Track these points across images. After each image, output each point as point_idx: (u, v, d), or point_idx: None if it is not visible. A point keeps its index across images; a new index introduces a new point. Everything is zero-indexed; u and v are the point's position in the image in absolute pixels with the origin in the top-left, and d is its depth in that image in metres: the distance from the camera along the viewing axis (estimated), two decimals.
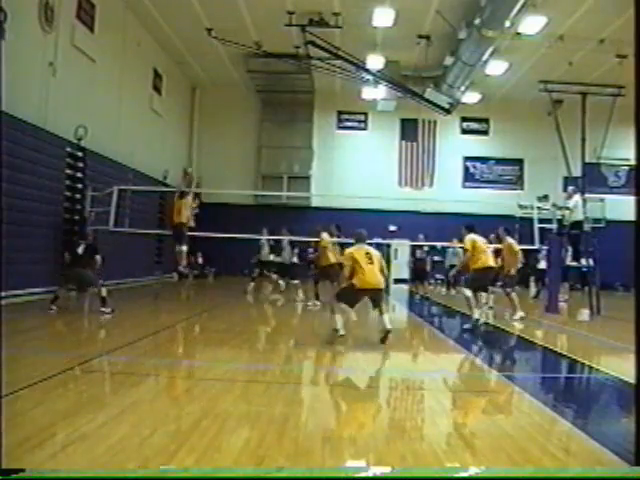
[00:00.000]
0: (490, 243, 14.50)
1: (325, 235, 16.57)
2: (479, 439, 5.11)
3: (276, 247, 20.38)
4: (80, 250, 13.28)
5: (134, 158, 21.98)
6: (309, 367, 8.48)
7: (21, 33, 14.78)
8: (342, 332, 9.83)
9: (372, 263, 10.07)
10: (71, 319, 12.78)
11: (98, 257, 13.33)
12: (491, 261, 12.84)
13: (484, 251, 12.70)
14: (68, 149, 17.35)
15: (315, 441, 4.78)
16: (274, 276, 20.09)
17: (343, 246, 18.33)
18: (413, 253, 25.21)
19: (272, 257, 20.00)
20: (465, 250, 12.92)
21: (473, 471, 4.34)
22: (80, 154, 17.92)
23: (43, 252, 16.09)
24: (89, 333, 11.42)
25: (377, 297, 10.19)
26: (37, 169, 15.55)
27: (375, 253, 10.23)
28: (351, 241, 15.95)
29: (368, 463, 4.40)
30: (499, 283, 15.52)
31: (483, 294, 14.11)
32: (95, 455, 4.22)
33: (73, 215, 17.68)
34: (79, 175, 17.91)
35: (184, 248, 16.47)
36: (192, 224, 17.09)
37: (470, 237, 12.84)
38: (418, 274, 24.64)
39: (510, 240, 15.38)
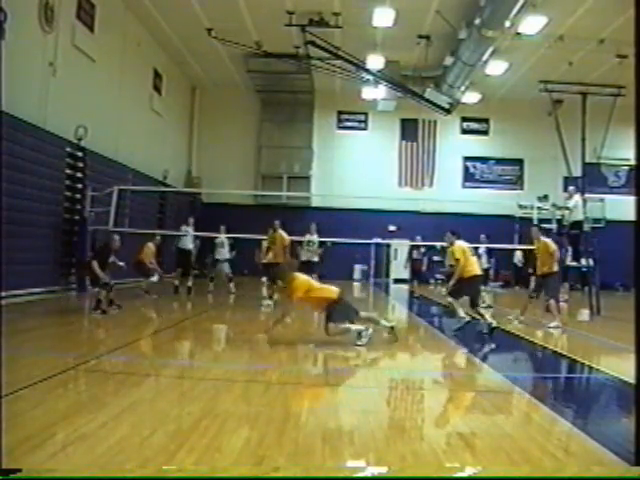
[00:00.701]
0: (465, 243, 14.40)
1: (284, 233, 16.78)
2: (479, 439, 5.11)
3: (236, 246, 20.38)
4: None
5: (134, 158, 22.00)
6: (309, 367, 8.48)
7: (21, 33, 14.79)
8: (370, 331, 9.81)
9: None
10: (72, 319, 12.79)
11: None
12: (479, 269, 12.65)
13: (472, 259, 12.46)
14: (68, 149, 17.37)
15: (315, 441, 4.78)
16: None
17: (322, 244, 18.75)
18: (410, 253, 25.30)
19: (229, 256, 19.88)
20: (456, 260, 12.30)
21: (473, 471, 4.35)
22: (80, 154, 17.94)
23: (43, 252, 16.11)
24: (89, 333, 11.41)
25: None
26: (37, 169, 15.57)
27: None
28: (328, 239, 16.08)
29: (368, 463, 4.40)
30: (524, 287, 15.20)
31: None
32: (95, 455, 4.22)
33: (73, 215, 17.70)
34: (79, 175, 17.92)
35: (154, 279, 17.14)
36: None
37: (459, 245, 12.41)
38: (415, 274, 24.76)
39: (545, 239, 14.38)
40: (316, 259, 18.77)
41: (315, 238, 18.65)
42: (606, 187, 30.99)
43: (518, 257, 28.39)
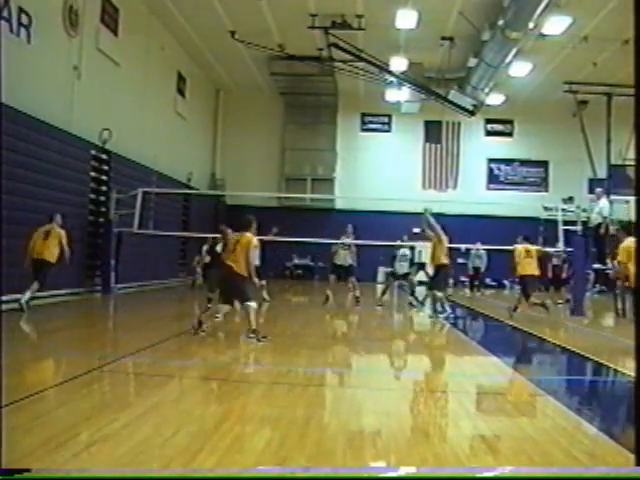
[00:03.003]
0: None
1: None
2: (502, 442, 5.09)
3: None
4: (219, 248, 13.84)
5: (158, 161, 22.11)
6: (330, 369, 8.47)
7: (46, 37, 14.93)
8: None
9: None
10: (96, 321, 12.88)
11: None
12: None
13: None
14: (93, 152, 17.50)
15: (337, 443, 4.78)
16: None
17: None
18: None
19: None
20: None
21: (486, 471, 4.32)
22: (105, 157, 18.07)
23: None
24: (113, 334, 11.49)
25: None
26: (63, 172, 15.69)
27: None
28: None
29: (390, 465, 4.39)
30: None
31: None
32: (118, 455, 4.25)
33: (98, 217, 17.83)
34: (104, 177, 18.06)
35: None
36: None
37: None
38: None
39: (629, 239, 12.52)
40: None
41: None
42: (632, 189, 30.62)
43: None
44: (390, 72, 24.66)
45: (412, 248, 22.30)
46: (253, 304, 9.94)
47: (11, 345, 7.50)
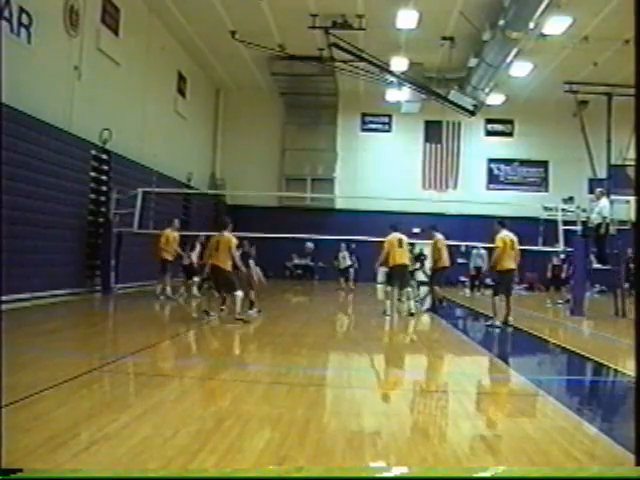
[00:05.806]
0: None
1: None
2: (502, 442, 5.09)
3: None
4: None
5: (158, 161, 22.08)
6: (331, 369, 8.48)
7: (46, 37, 14.92)
8: None
9: None
10: (96, 321, 12.87)
11: (251, 261, 14.01)
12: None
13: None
14: (93, 152, 17.48)
15: (337, 443, 4.78)
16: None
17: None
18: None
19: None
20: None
21: (486, 471, 4.32)
22: (105, 157, 18.05)
23: (68, 254, 16.22)
24: (113, 335, 11.49)
25: None
26: (63, 172, 15.68)
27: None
28: None
29: (389, 464, 4.39)
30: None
31: None
32: (118, 455, 4.25)
33: (98, 217, 17.82)
34: (104, 178, 18.04)
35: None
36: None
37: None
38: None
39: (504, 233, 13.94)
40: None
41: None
42: (632, 189, 30.57)
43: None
44: (390, 72, 24.65)
45: (412, 245, 22.22)
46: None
47: (11, 345, 7.50)
